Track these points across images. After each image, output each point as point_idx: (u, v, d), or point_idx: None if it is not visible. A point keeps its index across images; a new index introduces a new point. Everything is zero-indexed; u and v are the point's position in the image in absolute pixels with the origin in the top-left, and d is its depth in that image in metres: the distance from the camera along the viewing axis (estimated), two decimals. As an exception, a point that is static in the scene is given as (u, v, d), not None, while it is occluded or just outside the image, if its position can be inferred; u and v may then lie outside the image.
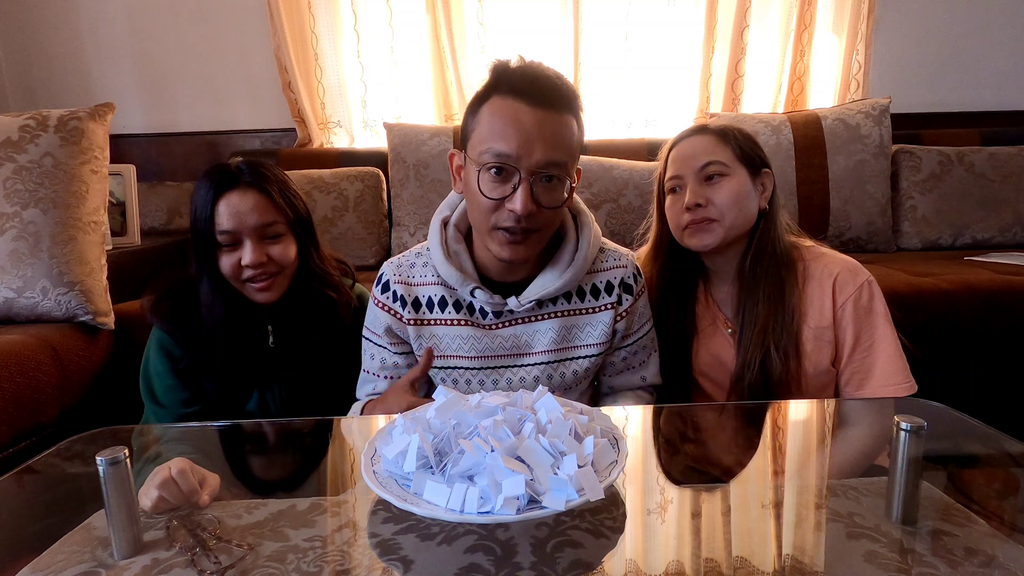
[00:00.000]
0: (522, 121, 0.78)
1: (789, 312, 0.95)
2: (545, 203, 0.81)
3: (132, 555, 0.55)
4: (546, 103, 0.79)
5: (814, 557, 0.54)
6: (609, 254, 0.96)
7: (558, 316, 0.92)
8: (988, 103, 2.39)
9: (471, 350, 0.91)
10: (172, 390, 1.00)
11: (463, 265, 0.90)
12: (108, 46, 2.32)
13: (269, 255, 0.97)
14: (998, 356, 1.46)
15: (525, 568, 0.51)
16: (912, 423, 0.58)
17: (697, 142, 0.99)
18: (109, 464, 0.55)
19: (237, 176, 0.96)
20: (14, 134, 1.36)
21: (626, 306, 0.94)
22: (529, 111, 0.78)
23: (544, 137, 0.78)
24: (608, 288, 0.94)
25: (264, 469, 0.81)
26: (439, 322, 0.92)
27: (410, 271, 0.94)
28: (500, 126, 0.79)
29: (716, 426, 0.90)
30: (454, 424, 0.59)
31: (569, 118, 0.82)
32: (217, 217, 0.95)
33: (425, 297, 0.93)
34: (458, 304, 0.92)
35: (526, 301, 0.88)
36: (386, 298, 0.94)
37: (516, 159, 0.78)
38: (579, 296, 0.93)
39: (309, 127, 2.31)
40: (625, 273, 0.95)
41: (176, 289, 1.01)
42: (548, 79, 0.81)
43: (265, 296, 0.98)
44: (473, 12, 2.26)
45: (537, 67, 0.82)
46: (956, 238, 2.02)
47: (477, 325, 0.91)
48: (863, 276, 0.95)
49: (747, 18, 2.24)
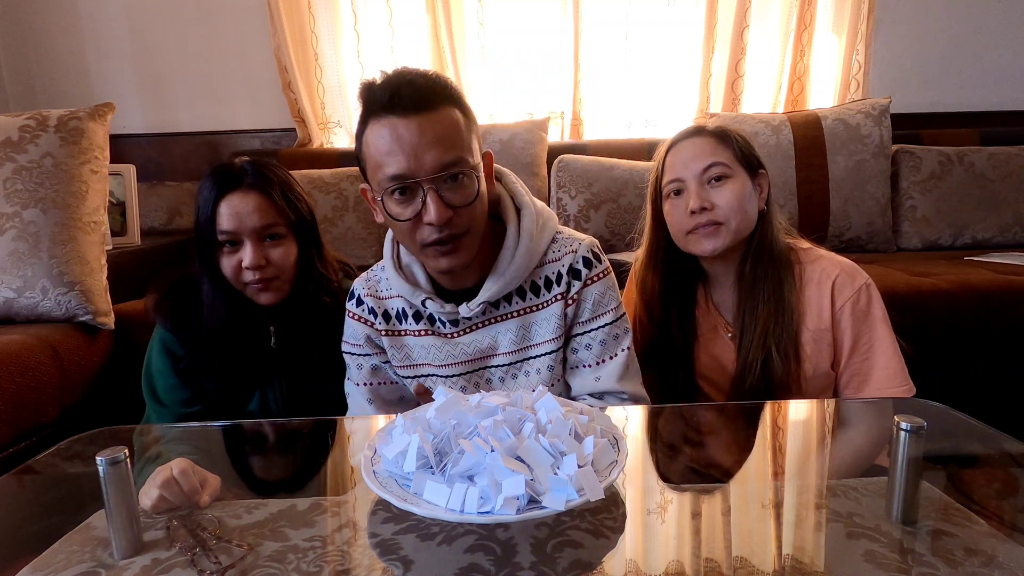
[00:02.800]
0: (401, 135, 0.75)
1: (789, 314, 0.95)
2: (458, 203, 0.78)
3: (132, 555, 0.55)
4: (418, 107, 0.76)
5: (814, 557, 0.54)
6: (563, 242, 0.90)
7: (514, 316, 0.89)
8: (988, 103, 2.39)
9: (437, 358, 0.90)
10: (173, 389, 1.00)
11: (415, 277, 0.89)
12: (108, 46, 2.32)
13: (268, 258, 0.97)
14: (998, 356, 1.46)
15: (525, 568, 0.51)
16: (912, 423, 0.58)
17: (697, 144, 0.97)
18: (109, 464, 0.55)
19: (240, 177, 0.96)
20: (14, 134, 1.36)
21: (574, 292, 0.88)
22: (404, 122, 0.75)
23: (429, 141, 0.75)
24: (558, 278, 0.89)
25: (264, 469, 0.81)
26: (407, 332, 0.92)
27: (377, 285, 0.94)
28: (384, 148, 0.76)
29: (716, 426, 0.90)
30: (454, 424, 0.59)
31: (447, 110, 0.78)
32: (218, 217, 0.95)
33: (394, 309, 0.92)
34: (418, 315, 0.91)
35: (475, 306, 0.86)
36: (361, 311, 0.93)
37: (412, 174, 0.76)
38: (533, 292, 0.89)
39: (309, 127, 2.31)
40: (573, 259, 0.89)
41: (178, 288, 1.01)
42: (411, 84, 0.77)
43: (266, 298, 0.98)
44: (473, 12, 2.26)
45: (400, 75, 0.78)
46: (956, 238, 2.02)
47: (438, 335, 0.90)
48: (861, 279, 0.95)
49: (747, 18, 2.24)
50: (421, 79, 0.77)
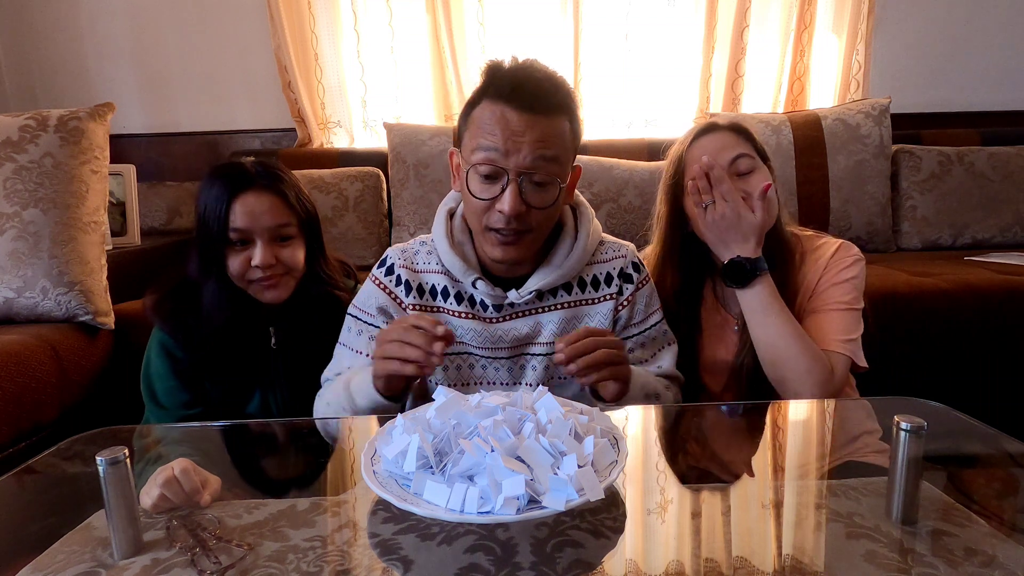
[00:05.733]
0: (509, 124, 0.79)
1: (790, 294, 0.97)
2: (535, 204, 0.81)
3: (132, 555, 0.55)
4: (535, 107, 0.79)
5: (814, 557, 0.54)
6: (609, 246, 0.97)
7: (560, 308, 0.92)
8: (988, 103, 2.39)
9: (474, 340, 0.91)
10: (173, 392, 1.00)
11: (467, 255, 0.91)
12: (108, 46, 2.32)
13: (279, 257, 0.97)
14: (998, 356, 1.46)
15: (525, 568, 0.51)
16: (912, 423, 0.58)
17: (718, 138, 0.98)
18: (109, 464, 0.55)
19: (253, 177, 0.97)
20: (14, 134, 1.36)
21: (627, 295, 0.94)
22: (516, 115, 0.79)
23: (531, 140, 0.79)
24: (608, 279, 0.94)
25: (264, 469, 0.81)
26: (444, 311, 0.92)
27: (414, 257, 0.94)
28: (488, 129, 0.80)
29: (716, 426, 0.90)
30: (454, 424, 0.59)
31: (560, 119, 0.82)
32: (232, 215, 0.95)
33: (429, 284, 0.93)
34: (460, 296, 0.92)
35: (526, 292, 0.89)
36: (388, 280, 0.93)
37: (504, 161, 0.79)
38: (580, 287, 0.93)
39: (309, 127, 2.31)
40: (624, 263, 0.95)
41: (178, 289, 1.01)
42: (537, 82, 0.80)
43: (272, 295, 0.99)
44: (473, 12, 2.26)
45: (529, 68, 0.82)
46: (956, 238, 2.02)
47: (478, 318, 0.91)
48: (855, 252, 1.00)
49: (747, 18, 2.23)
50: (547, 81, 0.81)
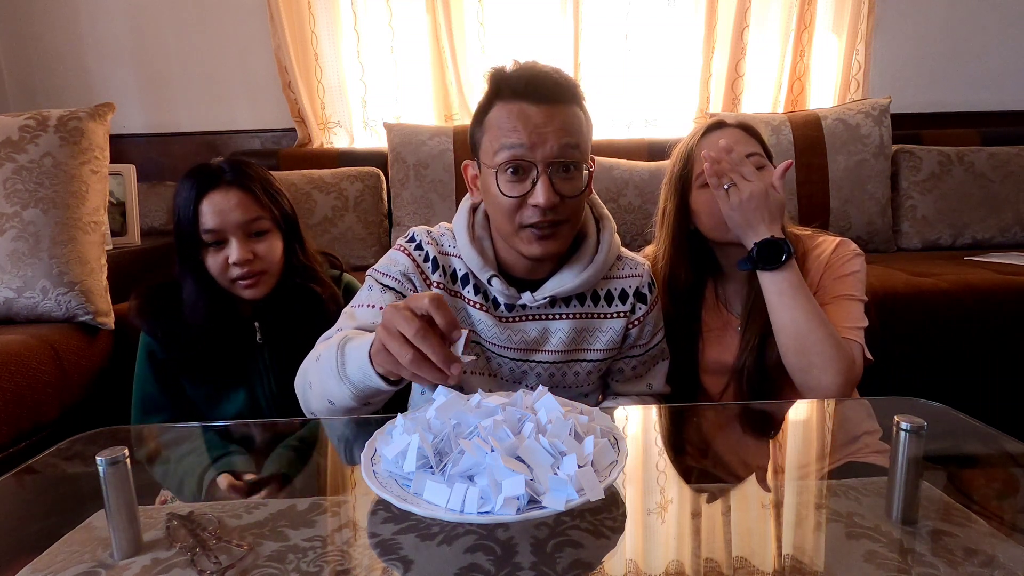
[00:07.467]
0: (530, 117, 0.79)
1: None
2: (566, 192, 0.81)
3: (132, 555, 0.55)
4: (550, 99, 0.80)
5: (814, 557, 0.54)
6: (626, 262, 0.96)
7: (571, 318, 0.91)
8: (988, 103, 2.39)
9: (486, 334, 0.91)
10: (157, 396, 1.00)
11: (484, 251, 0.90)
12: (108, 46, 2.32)
13: (255, 252, 0.97)
14: (998, 356, 1.46)
15: (525, 568, 0.51)
16: (912, 423, 0.58)
17: (730, 134, 0.98)
18: (109, 464, 0.55)
19: (219, 175, 0.97)
20: (14, 134, 1.36)
21: (639, 315, 0.94)
22: (535, 108, 0.79)
23: (554, 130, 0.79)
24: (622, 296, 0.94)
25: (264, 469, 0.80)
26: (465, 298, 0.90)
27: (440, 239, 0.93)
28: (509, 126, 0.80)
29: (716, 426, 0.89)
30: (454, 424, 0.59)
31: (574, 108, 0.83)
32: (201, 216, 0.95)
33: (452, 268, 0.91)
34: (477, 287, 0.90)
35: (541, 297, 0.88)
36: (417, 254, 0.90)
37: (531, 154, 0.79)
38: (593, 300, 0.93)
39: (309, 127, 2.31)
40: (640, 283, 0.95)
41: (160, 291, 1.01)
42: (547, 76, 0.82)
43: (253, 292, 0.99)
44: (473, 12, 2.26)
45: (534, 66, 0.83)
46: (956, 238, 2.02)
47: (491, 314, 0.91)
48: (854, 247, 0.99)
49: (747, 18, 2.24)
50: (555, 74, 0.83)
